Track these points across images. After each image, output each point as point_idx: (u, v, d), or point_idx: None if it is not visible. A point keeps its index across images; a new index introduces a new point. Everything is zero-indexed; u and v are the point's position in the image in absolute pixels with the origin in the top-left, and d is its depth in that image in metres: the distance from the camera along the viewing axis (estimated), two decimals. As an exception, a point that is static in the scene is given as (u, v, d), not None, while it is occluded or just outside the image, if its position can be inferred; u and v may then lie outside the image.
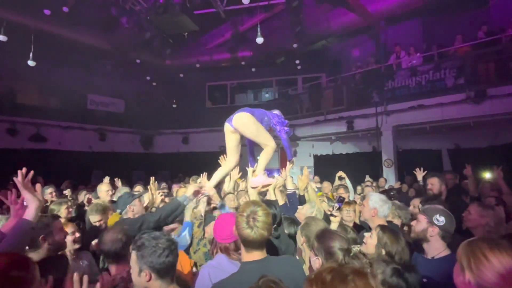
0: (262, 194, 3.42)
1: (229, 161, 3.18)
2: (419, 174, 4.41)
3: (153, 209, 3.26)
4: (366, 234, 2.02)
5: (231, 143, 3.09)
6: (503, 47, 8.15)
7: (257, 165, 3.08)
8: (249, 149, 3.56)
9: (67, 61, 11.22)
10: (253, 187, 3.04)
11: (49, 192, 4.50)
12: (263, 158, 3.00)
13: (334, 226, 2.34)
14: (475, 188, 4.25)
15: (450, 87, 8.37)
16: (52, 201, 3.72)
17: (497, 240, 1.22)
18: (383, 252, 1.82)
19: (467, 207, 2.66)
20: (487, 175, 6.06)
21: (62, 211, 3.14)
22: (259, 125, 2.96)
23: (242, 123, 2.93)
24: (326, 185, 5.34)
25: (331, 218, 2.31)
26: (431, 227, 2.06)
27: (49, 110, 11.38)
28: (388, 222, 2.56)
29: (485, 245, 1.19)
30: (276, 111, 3.36)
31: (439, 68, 8.63)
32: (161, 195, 3.55)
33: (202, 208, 2.75)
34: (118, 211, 2.81)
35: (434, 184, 3.64)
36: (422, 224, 2.12)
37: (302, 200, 3.36)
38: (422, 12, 9.95)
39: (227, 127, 3.02)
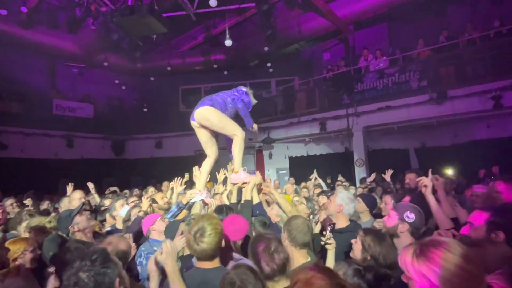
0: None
1: (208, 156, 3.17)
2: (387, 175, 4.73)
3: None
4: (353, 241, 1.99)
5: (203, 138, 3.08)
6: (460, 51, 8.72)
7: (234, 161, 3.03)
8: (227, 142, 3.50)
9: (29, 64, 10.61)
10: (233, 184, 3.03)
11: (9, 204, 4.23)
12: (236, 152, 2.95)
13: (331, 254, 2.19)
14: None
15: (414, 89, 8.81)
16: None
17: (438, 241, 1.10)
18: (368, 256, 1.81)
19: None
20: (449, 172, 6.46)
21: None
22: (222, 116, 2.90)
23: (204, 118, 2.89)
24: (289, 186, 5.37)
25: (326, 246, 2.19)
26: (401, 224, 2.14)
27: (10, 116, 10.67)
28: (351, 221, 2.60)
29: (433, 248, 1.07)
30: (242, 87, 3.21)
31: (404, 71, 9.07)
32: (149, 201, 3.27)
33: (197, 210, 2.79)
34: (63, 235, 2.53)
35: (412, 179, 3.83)
36: (393, 220, 2.19)
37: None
38: (388, 18, 10.43)
39: (193, 123, 3.01)
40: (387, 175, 4.84)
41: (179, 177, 3.76)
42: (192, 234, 1.74)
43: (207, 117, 2.87)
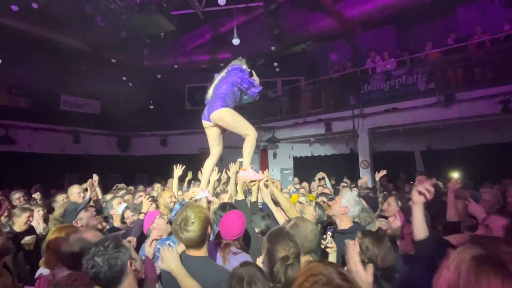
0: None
1: (212, 154, 3.20)
2: (378, 175, 4.88)
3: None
4: (347, 242, 1.90)
5: (212, 136, 3.13)
6: (469, 53, 8.62)
7: (243, 159, 3.04)
8: None
9: (38, 60, 10.73)
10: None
11: (16, 198, 4.28)
12: (247, 150, 2.97)
13: (331, 257, 2.19)
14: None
15: (421, 91, 8.73)
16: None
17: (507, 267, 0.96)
18: (366, 259, 1.73)
19: (443, 204, 2.76)
20: (455, 175, 6.39)
21: (22, 219, 2.98)
22: (236, 116, 2.97)
23: (220, 119, 2.96)
24: (313, 183, 5.51)
25: (327, 250, 2.18)
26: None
27: (19, 111, 10.82)
28: (354, 222, 2.59)
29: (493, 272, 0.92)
30: (234, 64, 3.28)
31: (411, 73, 8.99)
32: (150, 201, 3.13)
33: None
34: None
35: (421, 181, 3.83)
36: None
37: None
38: (396, 19, 10.36)
39: (205, 123, 3.06)
40: (379, 175, 4.91)
41: (180, 164, 3.89)
42: (178, 224, 1.80)
43: (223, 117, 2.94)
